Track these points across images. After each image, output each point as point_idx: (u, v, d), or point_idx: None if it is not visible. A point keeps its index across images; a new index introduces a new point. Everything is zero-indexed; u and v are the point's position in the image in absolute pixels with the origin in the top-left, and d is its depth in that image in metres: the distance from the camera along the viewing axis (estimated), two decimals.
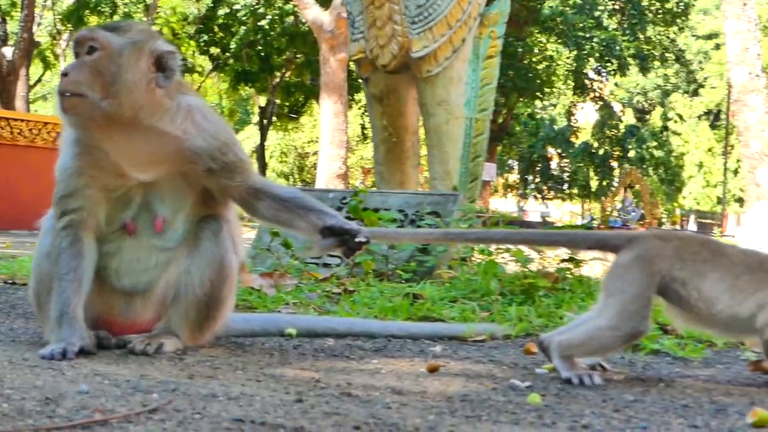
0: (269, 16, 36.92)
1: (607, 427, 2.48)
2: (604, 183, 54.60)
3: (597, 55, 43.38)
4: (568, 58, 42.92)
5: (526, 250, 5.72)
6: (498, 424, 2.45)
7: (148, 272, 3.58)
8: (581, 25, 41.26)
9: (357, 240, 3.52)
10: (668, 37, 46.73)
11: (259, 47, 38.01)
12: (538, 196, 62.02)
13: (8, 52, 29.70)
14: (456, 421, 2.47)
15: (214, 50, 39.61)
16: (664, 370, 3.58)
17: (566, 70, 43.91)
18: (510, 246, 5.60)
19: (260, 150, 44.40)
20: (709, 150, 56.77)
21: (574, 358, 3.21)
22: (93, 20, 37.24)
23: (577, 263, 5.72)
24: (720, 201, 49.45)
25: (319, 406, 2.59)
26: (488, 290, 5.29)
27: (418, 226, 6.51)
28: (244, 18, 37.35)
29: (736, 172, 46.75)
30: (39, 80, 45.97)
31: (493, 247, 5.85)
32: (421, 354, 3.81)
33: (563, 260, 5.84)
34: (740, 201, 42.95)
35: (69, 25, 36.65)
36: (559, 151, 57.64)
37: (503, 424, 2.46)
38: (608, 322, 3.13)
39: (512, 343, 4.20)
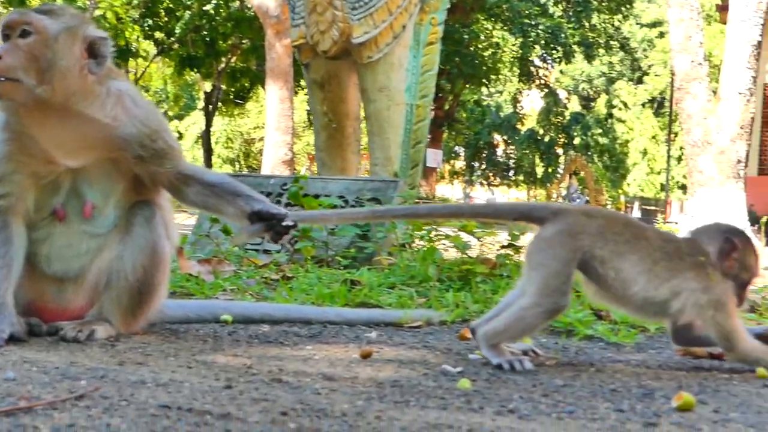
0: (214, 1, 36.64)
1: (533, 411, 2.49)
2: (550, 170, 54.87)
3: (542, 42, 43.55)
4: (513, 45, 43.02)
5: (465, 236, 5.74)
6: (425, 409, 2.46)
7: (79, 258, 3.55)
8: (527, 12, 41.39)
9: (284, 224, 3.52)
10: (613, 25, 47.04)
11: (205, 32, 37.70)
12: (485, 182, 62.21)
13: None
14: (384, 406, 2.48)
15: (159, 35, 39.22)
16: (596, 355, 3.61)
17: (512, 57, 44.03)
18: (437, 220, 5.62)
19: (206, 136, 44.10)
20: (653, 137, 57.23)
21: (501, 345, 3.22)
22: (35, 3, 36.79)
23: (517, 249, 5.74)
24: (663, 188, 49.87)
25: (248, 393, 2.59)
26: (426, 276, 5.30)
27: None
28: (188, 2, 37.04)
29: (679, 159, 47.15)
30: None
31: (433, 234, 5.87)
32: (356, 340, 3.81)
33: (503, 246, 5.87)
34: (683, 188, 43.40)
35: (10, 9, 36.16)
36: (505, 138, 57.84)
37: (431, 409, 2.47)
38: (530, 300, 3.15)
39: (448, 329, 4.22)
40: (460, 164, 62.36)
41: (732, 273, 3.23)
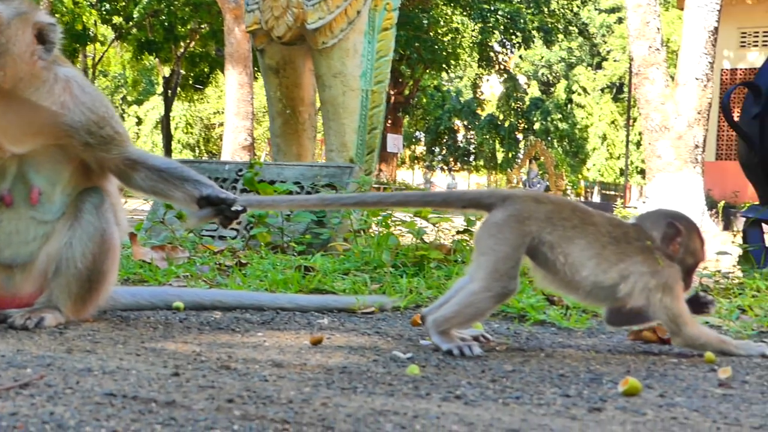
0: None
1: (480, 397, 2.50)
2: (510, 155, 55.06)
3: (501, 28, 43.61)
4: (473, 30, 43.06)
5: (421, 222, 5.75)
6: (372, 396, 2.46)
7: (27, 245, 3.53)
8: None
9: (233, 209, 3.51)
10: (572, 11, 47.18)
11: (163, 17, 37.50)
12: (445, 168, 62.32)
13: None
14: (331, 393, 2.47)
15: (117, 19, 38.95)
16: (547, 341, 3.62)
17: (471, 43, 44.06)
18: (391, 212, 5.63)
19: (165, 121, 43.87)
20: (613, 122, 57.48)
21: (451, 331, 3.23)
22: None
23: (473, 235, 5.74)
24: (623, 173, 50.14)
25: (195, 380, 2.57)
26: (381, 262, 5.31)
27: None
28: None
29: (638, 144, 47.41)
30: None
31: (390, 220, 5.87)
32: (308, 326, 3.81)
33: (459, 232, 5.88)
34: (642, 173, 43.64)
35: None
36: (466, 123, 57.96)
37: (378, 395, 2.47)
38: (479, 285, 3.16)
39: (401, 315, 4.22)
40: (420, 149, 62.42)
41: (677, 258, 3.26)
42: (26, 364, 2.73)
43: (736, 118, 6.23)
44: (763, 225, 6.09)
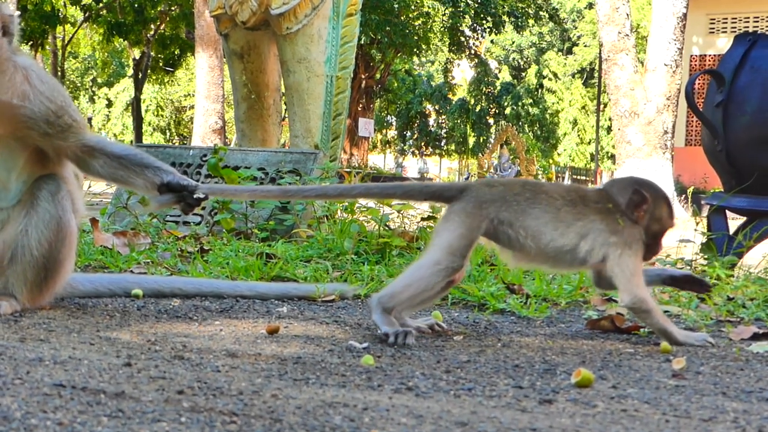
0: None
1: (432, 388, 2.50)
2: (481, 140, 55.09)
3: (472, 12, 43.58)
4: (444, 15, 43.00)
5: (384, 208, 5.74)
6: (324, 387, 2.45)
7: None
8: None
9: (195, 197, 3.50)
10: None
11: None
12: (417, 152, 62.32)
13: None
14: (282, 384, 2.46)
15: (86, 0, 38.67)
16: (506, 330, 3.63)
17: (442, 27, 44.01)
18: (349, 201, 5.64)
19: (135, 103, 43.62)
20: (583, 107, 57.58)
21: (393, 314, 3.23)
22: None
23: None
24: (593, 158, 50.28)
25: (147, 371, 2.56)
26: (343, 250, 5.29)
27: (278, 185, 6.47)
28: None
29: (609, 129, 47.51)
30: None
31: (355, 207, 5.86)
32: (267, 315, 3.80)
33: (423, 219, 5.87)
34: (613, 158, 43.75)
35: None
36: (437, 107, 57.96)
37: (329, 387, 2.46)
38: (430, 259, 3.19)
39: (361, 303, 4.21)
40: (392, 134, 62.38)
41: (642, 224, 3.28)
42: None
43: (700, 107, 6.25)
44: (727, 212, 6.12)
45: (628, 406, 2.36)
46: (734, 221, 6.23)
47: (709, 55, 26.81)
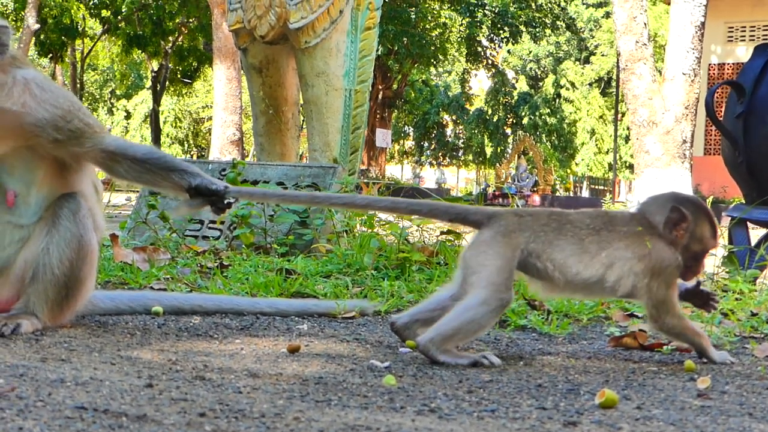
0: None
1: (455, 410, 2.48)
2: (499, 150, 55.00)
3: (489, 22, 43.52)
4: (461, 25, 42.96)
5: (403, 222, 5.72)
6: (346, 409, 2.43)
7: (4, 250, 3.51)
8: None
9: (225, 201, 3.52)
10: (559, 5, 47.10)
11: (151, 11, 37.40)
12: (434, 162, 62.28)
13: None
14: (305, 406, 2.45)
15: (105, 13, 38.85)
16: (527, 347, 3.61)
17: (459, 37, 43.96)
18: (375, 213, 5.62)
19: (154, 115, 43.77)
20: (601, 117, 57.44)
21: (453, 348, 3.21)
22: None
23: (458, 236, 5.72)
24: (611, 168, 50.17)
25: (169, 392, 2.55)
26: (363, 265, 5.27)
27: None
28: None
29: (627, 139, 47.38)
30: None
31: (374, 220, 5.84)
32: (287, 332, 3.78)
33: (443, 232, 5.85)
34: (631, 167, 43.61)
35: None
36: (454, 117, 57.93)
37: (352, 408, 2.45)
38: (477, 298, 3.13)
39: (382, 319, 4.20)
40: (409, 144, 62.36)
41: (681, 244, 3.22)
42: None
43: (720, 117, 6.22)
44: (749, 224, 6.08)
45: (653, 429, 2.34)
46: (755, 231, 6.19)
47: (728, 64, 26.73)
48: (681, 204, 3.25)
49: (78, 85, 43.44)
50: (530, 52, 60.82)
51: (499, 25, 43.59)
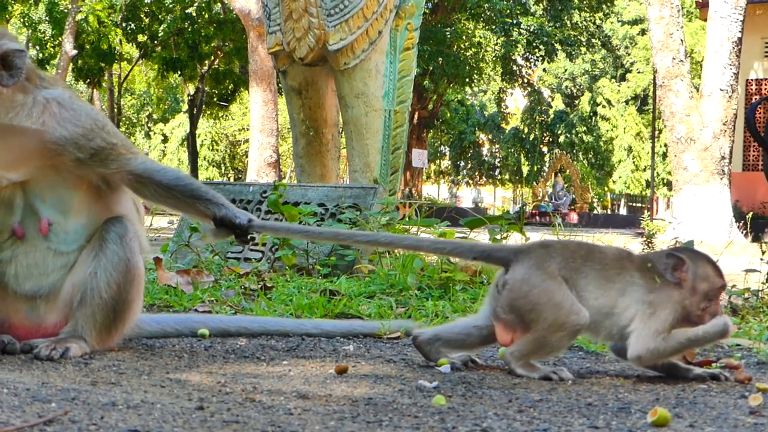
0: (196, 4, 36.64)
1: (507, 429, 2.47)
2: (535, 168, 54.94)
3: (524, 41, 43.52)
4: (496, 44, 42.98)
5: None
6: (398, 430, 2.43)
7: (47, 276, 3.53)
8: (508, 11, 41.30)
9: (249, 235, 3.56)
10: (594, 23, 47.04)
11: (187, 35, 37.67)
12: (471, 182, 62.30)
13: None
14: (357, 426, 2.45)
15: (142, 38, 39.18)
16: (575, 366, 3.59)
17: (494, 57, 43.99)
18: (397, 249, 5.66)
19: (190, 138, 44.03)
20: (638, 134, 57.28)
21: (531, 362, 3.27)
22: (17, 8, 36.64)
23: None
24: (649, 185, 49.93)
25: (220, 414, 2.55)
26: (406, 285, 5.27)
27: (339, 220, 6.49)
28: (171, 5, 37.01)
29: (664, 156, 47.19)
30: None
31: None
32: (334, 353, 3.79)
33: None
34: (669, 184, 43.40)
35: None
36: (490, 137, 57.96)
37: (403, 429, 2.44)
38: (547, 325, 3.18)
39: None
40: (445, 164, 62.41)
41: (689, 287, 3.22)
42: (51, 398, 2.71)
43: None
44: None
45: None
46: None
47: (766, 80, 26.56)
48: (675, 250, 3.34)
49: (115, 110, 43.78)
50: (566, 70, 60.78)
51: (534, 44, 43.57)
